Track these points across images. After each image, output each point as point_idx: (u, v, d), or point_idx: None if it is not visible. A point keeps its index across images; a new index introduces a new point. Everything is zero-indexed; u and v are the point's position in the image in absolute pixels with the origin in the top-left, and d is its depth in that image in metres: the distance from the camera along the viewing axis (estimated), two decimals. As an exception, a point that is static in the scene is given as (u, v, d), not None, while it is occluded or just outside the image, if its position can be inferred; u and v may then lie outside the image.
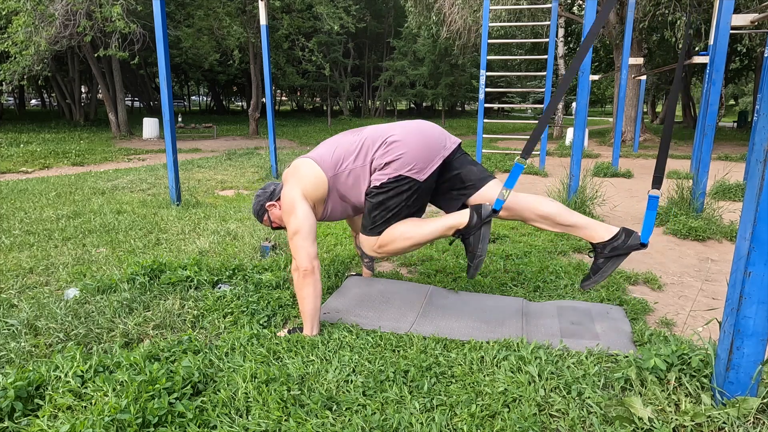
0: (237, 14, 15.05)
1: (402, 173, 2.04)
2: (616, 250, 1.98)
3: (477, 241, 2.01)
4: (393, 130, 2.13)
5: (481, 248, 2.01)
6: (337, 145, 2.19)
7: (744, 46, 11.92)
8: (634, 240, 1.96)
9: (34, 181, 6.43)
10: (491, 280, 2.77)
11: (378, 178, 2.09)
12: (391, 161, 2.05)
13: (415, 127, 2.14)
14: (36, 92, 33.63)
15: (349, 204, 2.22)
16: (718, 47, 3.82)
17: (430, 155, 2.08)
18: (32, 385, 1.60)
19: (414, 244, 2.09)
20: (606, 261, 2.00)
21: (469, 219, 2.00)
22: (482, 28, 7.34)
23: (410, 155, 2.04)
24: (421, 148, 2.07)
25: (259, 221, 2.41)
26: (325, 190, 2.15)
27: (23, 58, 10.72)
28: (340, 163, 2.14)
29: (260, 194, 2.36)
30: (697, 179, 4.20)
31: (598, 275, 2.01)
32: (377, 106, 30.85)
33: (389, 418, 1.48)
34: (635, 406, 1.46)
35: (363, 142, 2.14)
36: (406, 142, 2.07)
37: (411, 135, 2.09)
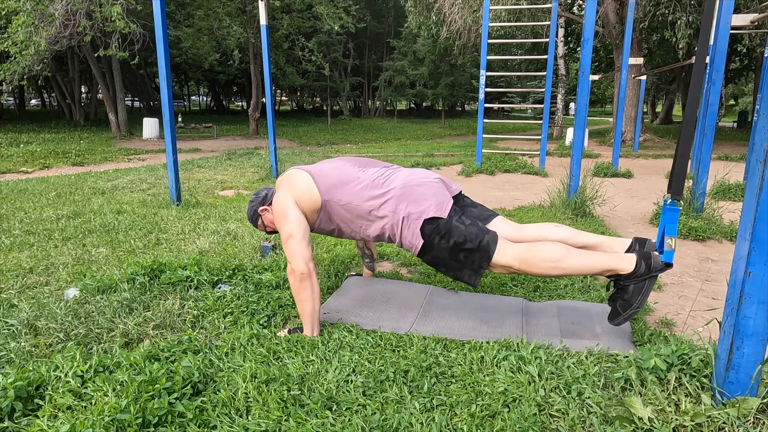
0: (237, 14, 15.05)
1: (426, 217, 2.00)
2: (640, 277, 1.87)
3: (638, 293, 1.84)
4: (396, 178, 2.10)
5: (640, 300, 1.83)
6: (338, 171, 2.17)
7: (744, 46, 11.92)
8: (656, 262, 1.85)
9: (34, 181, 6.43)
10: (491, 280, 2.77)
11: (409, 234, 2.02)
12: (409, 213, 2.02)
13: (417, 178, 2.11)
14: (36, 92, 33.63)
15: (336, 227, 2.21)
16: (718, 47, 3.82)
17: (441, 196, 2.06)
18: (32, 385, 1.60)
19: (562, 273, 1.92)
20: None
21: (636, 267, 1.84)
22: (482, 28, 7.34)
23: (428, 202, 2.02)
24: (431, 192, 2.05)
25: (254, 226, 2.41)
26: (318, 206, 2.13)
27: (23, 58, 10.72)
28: (337, 190, 2.11)
29: (253, 199, 2.36)
30: (697, 179, 4.20)
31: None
32: (377, 106, 30.85)
33: (389, 418, 1.48)
34: (635, 406, 1.46)
35: (366, 181, 2.12)
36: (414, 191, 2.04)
37: (417, 185, 2.07)
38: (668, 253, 1.80)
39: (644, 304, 1.86)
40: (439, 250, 2.02)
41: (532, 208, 4.72)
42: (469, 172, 7.48)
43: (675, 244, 1.78)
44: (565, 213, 4.35)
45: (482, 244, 1.97)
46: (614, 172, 7.43)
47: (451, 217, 2.01)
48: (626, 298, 1.86)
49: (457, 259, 2.02)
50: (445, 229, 1.99)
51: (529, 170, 7.66)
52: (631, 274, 1.84)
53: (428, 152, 10.71)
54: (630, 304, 1.85)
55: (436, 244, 2.01)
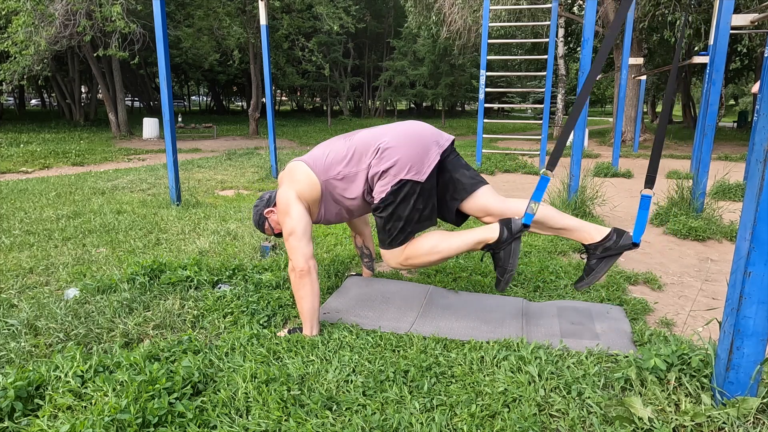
0: (237, 14, 15.05)
1: (402, 178, 2.02)
2: (608, 250, 1.99)
3: (508, 256, 1.99)
4: (384, 135, 2.11)
5: (511, 263, 1.99)
6: (329, 150, 2.18)
7: (744, 46, 11.92)
8: (626, 240, 1.97)
9: (34, 181, 6.43)
10: (491, 280, 2.77)
11: (380, 190, 2.06)
12: (388, 168, 2.03)
13: (406, 129, 2.12)
14: (36, 92, 33.62)
15: (343, 207, 2.21)
16: (718, 47, 3.82)
17: (426, 154, 2.06)
18: (32, 385, 1.60)
19: (442, 257, 2.08)
20: (599, 261, 2.01)
21: (499, 234, 1.99)
22: (482, 28, 7.34)
23: (405, 158, 2.03)
24: (415, 148, 2.05)
25: (261, 231, 2.41)
26: (319, 193, 2.14)
27: (23, 58, 10.72)
28: (333, 168, 2.13)
29: (258, 204, 2.37)
30: (697, 179, 4.20)
31: (591, 276, 2.02)
32: (377, 106, 30.85)
33: (389, 418, 1.48)
34: (635, 406, 1.46)
35: (355, 147, 2.13)
36: (399, 145, 2.05)
37: (403, 138, 2.08)
38: (528, 216, 1.95)
39: (516, 265, 2.00)
40: (385, 209, 2.07)
41: (532, 208, 4.71)
42: (469, 172, 7.47)
43: (537, 208, 1.92)
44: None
45: (403, 232, 2.08)
46: (614, 172, 7.43)
47: (423, 188, 2.04)
48: (501, 264, 2.02)
49: (387, 224, 2.10)
50: (405, 196, 2.04)
51: (529, 170, 7.66)
52: (498, 241, 1.99)
53: (428, 152, 10.68)
54: (505, 269, 2.01)
55: (389, 203, 2.06)
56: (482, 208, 2.12)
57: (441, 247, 2.05)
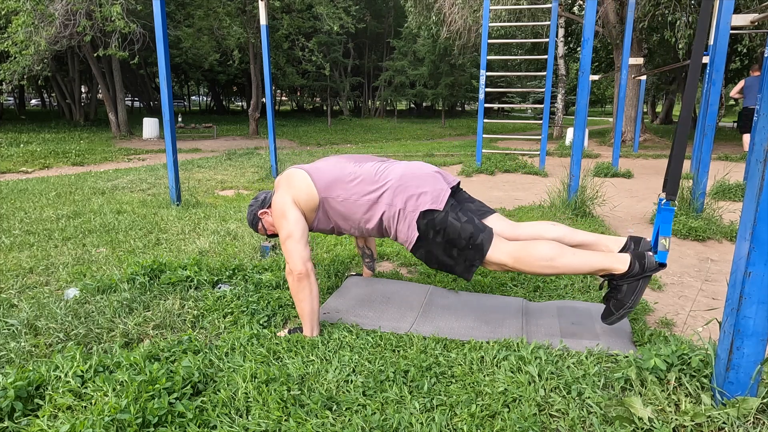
0: (237, 14, 15.05)
1: (422, 210, 2.00)
2: (634, 276, 1.87)
3: (631, 293, 1.84)
4: (392, 173, 2.09)
5: (633, 301, 1.84)
6: (335, 168, 2.17)
7: (744, 46, 11.91)
8: (650, 262, 1.86)
9: (34, 181, 6.43)
10: (491, 280, 2.77)
11: (407, 230, 2.02)
12: (404, 206, 2.02)
13: (413, 168, 2.11)
14: (36, 92, 33.62)
15: (334, 225, 2.21)
16: (718, 47, 3.82)
17: (438, 185, 2.06)
18: (32, 385, 1.60)
19: (556, 272, 1.93)
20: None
21: (629, 267, 1.84)
22: (482, 28, 7.34)
23: (419, 192, 2.02)
24: (426, 182, 2.05)
25: (254, 230, 2.41)
26: (316, 205, 2.14)
27: (23, 58, 10.72)
28: (334, 188, 2.12)
29: (252, 204, 2.37)
30: (697, 179, 4.20)
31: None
32: (377, 106, 30.85)
33: (389, 418, 1.48)
34: (635, 406, 1.46)
35: (362, 177, 2.11)
36: (409, 184, 2.04)
37: (410, 176, 2.07)
38: (662, 253, 1.81)
39: (637, 303, 1.86)
40: (434, 245, 2.02)
41: (532, 208, 4.72)
42: (469, 172, 7.48)
43: (669, 244, 1.78)
44: (565, 213, 4.35)
45: (476, 242, 1.97)
46: (614, 172, 7.43)
47: (447, 212, 2.00)
48: (619, 298, 1.87)
49: (451, 255, 2.02)
50: (441, 224, 1.99)
51: (529, 170, 7.65)
52: (625, 274, 1.85)
53: (428, 152, 10.71)
54: (623, 304, 1.86)
55: (431, 238, 2.01)
56: None
57: (559, 263, 1.90)
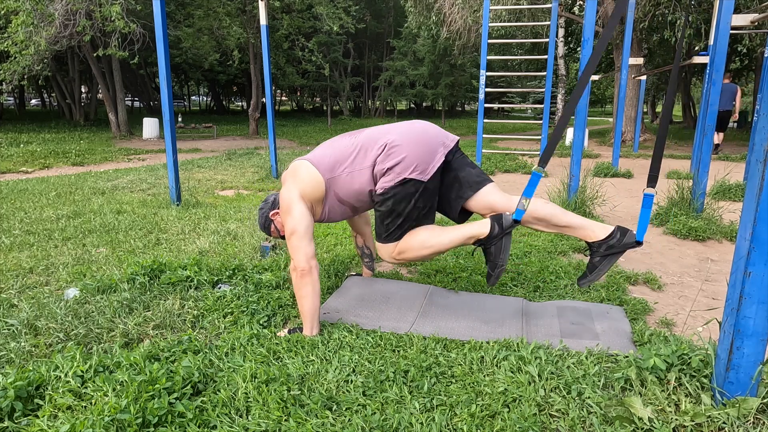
0: (237, 14, 15.04)
1: (405, 176, 2.03)
2: (611, 248, 2.00)
3: (498, 252, 2.03)
4: (390, 133, 2.12)
5: (502, 258, 2.02)
6: (334, 148, 2.19)
7: (744, 46, 11.91)
8: (630, 238, 1.99)
9: (34, 181, 6.43)
10: (491, 280, 2.77)
11: (382, 185, 2.08)
12: (393, 165, 2.05)
13: (413, 128, 2.13)
14: (36, 92, 33.63)
15: (348, 206, 2.22)
16: (718, 47, 3.82)
17: (431, 154, 2.07)
18: (32, 385, 1.60)
19: (434, 252, 2.11)
20: (602, 259, 2.02)
21: (490, 229, 2.02)
22: (482, 28, 7.34)
23: (411, 157, 2.04)
24: (421, 148, 2.06)
25: (267, 234, 2.42)
26: (323, 191, 2.14)
27: (23, 57, 10.72)
28: (338, 166, 2.13)
29: (263, 206, 2.38)
30: (697, 179, 4.20)
31: (594, 273, 2.03)
32: (377, 106, 30.85)
33: (389, 418, 1.48)
34: (635, 406, 1.46)
35: (360, 145, 2.14)
36: (405, 144, 2.06)
37: (409, 136, 2.09)
38: (519, 212, 1.98)
39: (506, 261, 2.03)
40: (384, 203, 2.09)
41: (532, 208, 4.71)
42: (469, 172, 7.47)
43: (528, 204, 1.96)
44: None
45: (400, 228, 2.11)
46: (614, 172, 7.43)
47: (425, 189, 2.06)
48: (492, 259, 2.05)
49: (384, 220, 2.13)
50: (402, 196, 2.06)
51: (529, 170, 7.65)
52: (489, 236, 2.03)
53: (428, 152, 10.68)
54: (495, 264, 2.04)
55: (389, 197, 2.08)
56: (487, 205, 2.13)
57: (432, 242, 2.09)
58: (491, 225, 2.02)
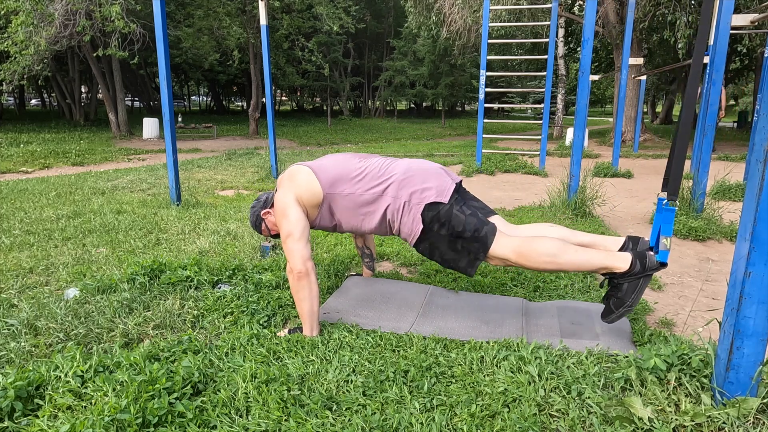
0: (237, 14, 15.05)
1: (427, 202, 2.01)
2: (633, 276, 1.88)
3: (632, 291, 1.85)
4: (396, 168, 2.11)
5: (633, 299, 1.85)
6: (339, 164, 2.18)
7: (744, 46, 11.91)
8: (643, 245, 1.90)
9: (34, 181, 6.43)
10: (491, 280, 2.77)
11: (411, 223, 2.03)
12: (409, 198, 2.03)
13: (418, 165, 2.14)
14: (36, 92, 33.63)
15: (337, 222, 2.21)
16: (718, 47, 3.82)
17: (442, 181, 2.07)
18: (32, 385, 1.60)
19: (557, 269, 1.94)
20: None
21: (631, 266, 1.85)
22: (482, 28, 7.34)
23: (425, 185, 2.03)
24: (430, 177, 2.07)
25: (258, 232, 2.41)
26: (319, 201, 2.14)
27: (23, 57, 10.72)
28: (339, 184, 2.12)
29: (255, 205, 2.37)
30: (697, 179, 4.20)
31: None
32: (377, 106, 30.85)
33: (389, 418, 1.48)
34: (635, 406, 1.46)
35: (366, 172, 2.13)
36: (414, 177, 2.06)
37: (416, 171, 2.09)
38: (663, 253, 1.81)
39: (638, 302, 1.87)
40: (438, 237, 2.03)
41: (532, 209, 4.72)
42: (469, 172, 7.48)
43: (670, 243, 1.79)
44: (565, 213, 4.35)
45: (480, 234, 1.98)
46: (614, 172, 7.43)
47: (452, 204, 2.02)
48: (620, 296, 1.87)
49: (455, 248, 2.03)
50: (446, 216, 2.00)
51: (529, 170, 7.66)
52: (626, 273, 1.85)
53: (428, 152, 10.71)
54: (623, 302, 1.86)
55: (435, 231, 2.02)
56: None
57: (562, 259, 1.90)
58: (632, 262, 1.85)
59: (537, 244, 1.93)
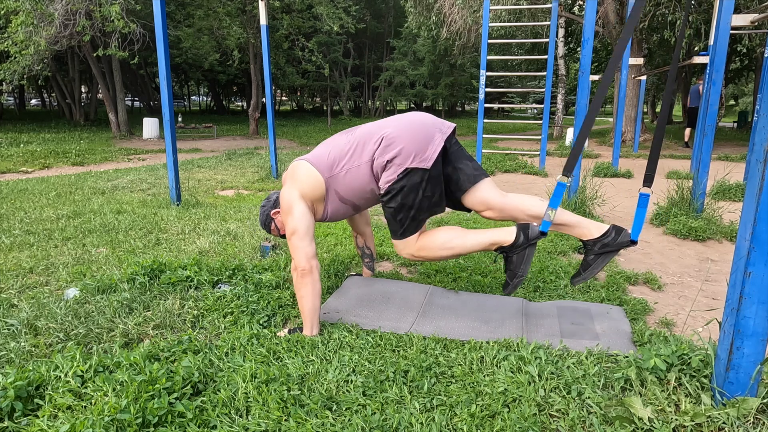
0: (237, 14, 15.04)
1: (407, 166, 2.01)
2: (606, 246, 2.00)
3: (520, 262, 2.01)
4: (386, 126, 2.12)
5: (523, 269, 2.00)
6: (332, 147, 2.18)
7: (744, 46, 11.91)
8: (624, 237, 1.99)
9: (34, 181, 6.42)
10: (491, 280, 2.77)
11: (386, 181, 2.05)
12: (392, 157, 2.03)
13: (408, 119, 2.13)
14: (36, 92, 33.63)
15: (350, 204, 2.21)
16: (718, 47, 3.82)
17: (429, 141, 2.05)
18: (32, 385, 1.60)
19: (455, 254, 2.09)
20: (596, 257, 2.02)
21: (515, 238, 2.00)
22: (482, 28, 7.34)
23: (409, 146, 2.02)
24: (418, 136, 2.04)
25: (267, 232, 2.41)
26: (323, 191, 2.14)
27: (23, 57, 10.72)
28: (336, 164, 2.12)
29: (265, 204, 2.38)
30: (697, 179, 4.20)
31: (588, 272, 2.03)
32: (377, 106, 30.85)
33: (389, 418, 1.48)
34: (635, 406, 1.46)
35: (357, 141, 2.13)
36: (402, 135, 2.04)
37: (405, 126, 2.08)
38: (545, 223, 1.95)
39: (527, 272, 2.02)
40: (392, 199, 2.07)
41: (532, 208, 4.71)
42: (469, 172, 7.47)
43: (554, 215, 1.93)
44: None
45: (414, 220, 2.07)
46: (614, 172, 7.43)
47: (429, 178, 2.03)
48: (512, 268, 2.03)
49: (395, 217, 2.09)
50: (411, 186, 2.03)
51: (529, 170, 7.65)
52: (513, 245, 2.00)
53: (428, 152, 10.68)
54: (515, 273, 2.02)
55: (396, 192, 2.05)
56: (483, 201, 2.13)
57: (454, 243, 2.06)
58: (516, 233, 2.00)
59: (433, 237, 2.09)
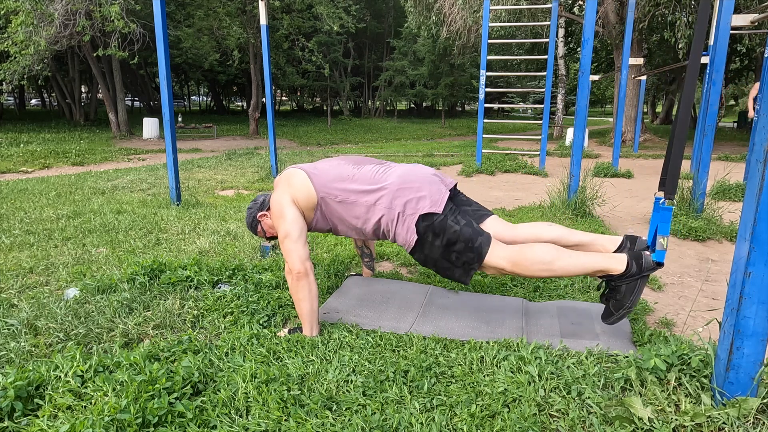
0: (237, 14, 15.05)
1: (421, 213, 2.00)
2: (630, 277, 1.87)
3: (630, 293, 1.84)
4: (389, 177, 2.09)
5: (632, 301, 1.84)
6: (334, 169, 2.17)
7: (744, 46, 11.92)
8: (641, 245, 1.90)
9: (34, 181, 6.42)
10: (491, 280, 2.77)
11: (406, 233, 2.01)
12: (403, 209, 2.01)
13: (411, 171, 2.11)
14: (36, 92, 33.63)
15: (332, 226, 2.21)
16: (718, 47, 3.82)
17: (437, 189, 2.05)
18: (32, 385, 1.60)
19: (553, 275, 1.92)
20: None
21: (627, 267, 1.84)
22: (482, 28, 7.34)
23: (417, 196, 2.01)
24: (424, 185, 2.04)
25: (254, 233, 2.41)
26: (314, 203, 2.14)
27: (23, 57, 10.72)
28: (333, 187, 2.12)
29: (251, 206, 2.37)
30: (697, 179, 4.20)
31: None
32: (377, 106, 30.85)
33: (389, 418, 1.48)
34: (635, 406, 1.46)
35: (360, 177, 2.12)
36: (406, 187, 2.04)
37: (408, 178, 2.06)
38: (660, 253, 1.80)
39: (637, 303, 1.86)
40: (432, 247, 2.02)
41: (532, 208, 4.72)
42: (469, 172, 7.48)
43: (667, 243, 1.77)
44: (565, 213, 4.35)
45: (474, 245, 1.97)
46: (614, 172, 7.43)
47: (446, 215, 2.01)
48: (618, 298, 1.87)
49: (449, 258, 2.02)
50: (440, 227, 1.99)
51: (529, 170, 7.66)
52: (623, 275, 1.85)
53: (428, 152, 10.71)
54: (622, 304, 1.86)
55: (429, 241, 2.01)
56: (493, 235, 2.08)
57: (556, 266, 1.88)
58: (628, 263, 1.83)
59: (530, 252, 1.91)
